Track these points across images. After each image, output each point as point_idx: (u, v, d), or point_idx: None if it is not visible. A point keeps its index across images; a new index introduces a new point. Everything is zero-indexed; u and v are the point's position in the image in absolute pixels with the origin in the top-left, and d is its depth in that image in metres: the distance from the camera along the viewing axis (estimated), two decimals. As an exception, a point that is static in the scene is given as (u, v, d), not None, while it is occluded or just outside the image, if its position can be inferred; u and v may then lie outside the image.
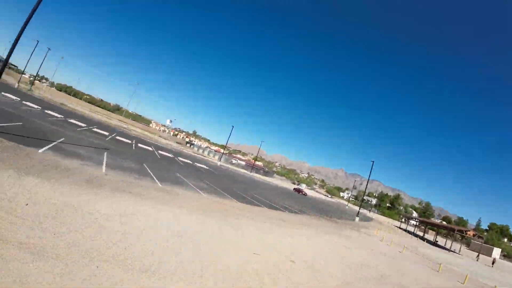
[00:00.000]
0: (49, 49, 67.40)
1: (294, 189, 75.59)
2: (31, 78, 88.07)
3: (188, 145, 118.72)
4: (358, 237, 21.34)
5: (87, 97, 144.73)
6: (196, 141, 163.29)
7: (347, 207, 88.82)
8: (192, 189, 15.42)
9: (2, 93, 29.77)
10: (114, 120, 74.95)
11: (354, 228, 27.72)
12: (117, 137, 29.37)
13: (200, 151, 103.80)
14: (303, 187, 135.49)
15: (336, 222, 27.07)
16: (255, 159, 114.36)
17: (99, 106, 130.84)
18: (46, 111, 27.76)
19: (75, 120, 29.79)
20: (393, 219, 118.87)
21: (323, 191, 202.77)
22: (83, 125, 28.11)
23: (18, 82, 58.45)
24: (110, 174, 11.42)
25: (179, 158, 34.28)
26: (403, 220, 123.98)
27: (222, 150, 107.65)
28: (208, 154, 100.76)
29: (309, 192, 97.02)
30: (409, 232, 60.47)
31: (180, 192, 13.27)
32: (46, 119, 22.18)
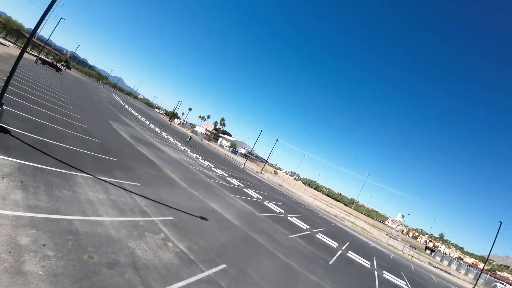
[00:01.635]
0: (276, 140, 77.79)
1: None
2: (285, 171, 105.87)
3: (428, 251, 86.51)
4: None
5: (326, 190, 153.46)
6: (443, 248, 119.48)
7: None
8: None
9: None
10: (336, 208, 68.96)
11: None
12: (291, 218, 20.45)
13: (445, 262, 70.09)
14: None
15: None
16: None
17: (335, 199, 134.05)
18: (265, 204, 25.12)
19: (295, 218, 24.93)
20: None
21: None
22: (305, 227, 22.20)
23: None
24: None
25: (385, 273, 18.58)
26: None
27: (480, 265, 65.65)
28: (457, 269, 65.23)
29: None
30: None
31: None
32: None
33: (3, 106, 9.21)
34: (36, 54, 58.40)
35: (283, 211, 22.20)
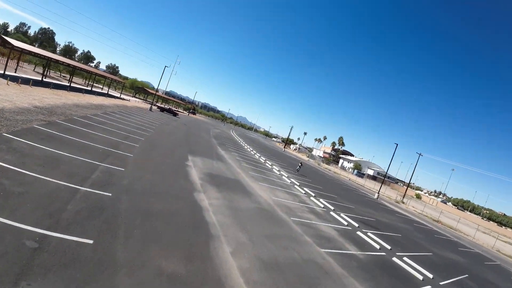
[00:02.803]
0: (420, 154, 57.85)
1: None
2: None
3: None
4: None
5: (486, 212, 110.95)
6: None
7: None
8: None
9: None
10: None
11: None
12: None
13: None
14: None
15: None
16: None
17: (500, 224, 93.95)
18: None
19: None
20: None
21: None
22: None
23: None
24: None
25: None
26: None
27: None
28: None
29: None
30: None
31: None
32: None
33: None
34: (159, 105, 67.86)
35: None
